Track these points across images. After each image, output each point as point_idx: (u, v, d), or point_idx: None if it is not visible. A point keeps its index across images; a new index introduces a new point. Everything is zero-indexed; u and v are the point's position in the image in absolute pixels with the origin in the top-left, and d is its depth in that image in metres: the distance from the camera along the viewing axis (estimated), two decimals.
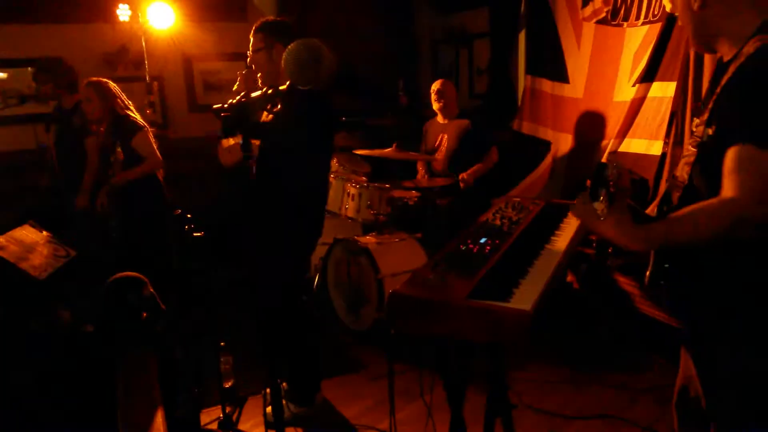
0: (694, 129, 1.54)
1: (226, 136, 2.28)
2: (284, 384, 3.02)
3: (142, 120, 3.83)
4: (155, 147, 3.80)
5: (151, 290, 2.39)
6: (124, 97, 3.81)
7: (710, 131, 1.44)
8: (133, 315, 2.28)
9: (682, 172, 1.53)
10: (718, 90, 1.47)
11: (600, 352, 3.55)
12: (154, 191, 3.83)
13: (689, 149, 1.54)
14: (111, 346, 2.24)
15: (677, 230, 1.39)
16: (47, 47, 4.82)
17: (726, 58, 1.52)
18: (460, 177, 4.32)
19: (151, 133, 3.83)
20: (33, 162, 4.59)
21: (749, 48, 1.43)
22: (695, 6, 1.51)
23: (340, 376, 3.42)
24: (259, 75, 2.75)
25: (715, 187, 1.40)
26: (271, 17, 2.80)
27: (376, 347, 3.72)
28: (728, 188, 1.35)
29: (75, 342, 2.85)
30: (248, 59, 2.77)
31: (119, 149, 3.72)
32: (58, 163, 4.22)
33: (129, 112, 3.76)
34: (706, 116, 1.48)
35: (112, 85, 3.78)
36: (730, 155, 1.36)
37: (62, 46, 4.82)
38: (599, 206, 1.47)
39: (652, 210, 1.68)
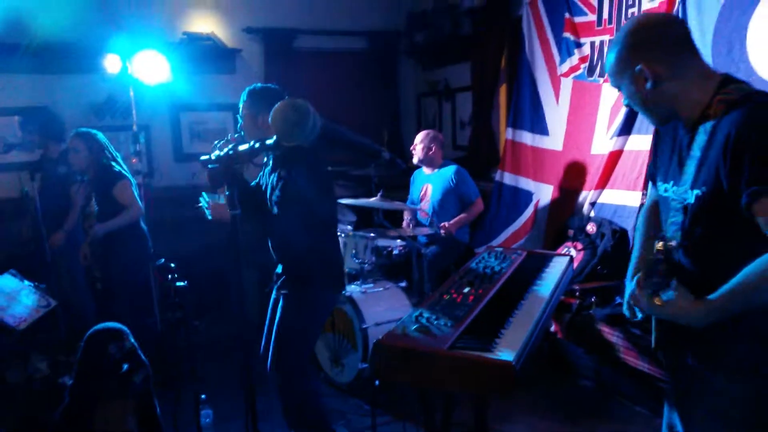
0: (664, 193, 1.54)
1: (213, 189, 2.31)
2: None
3: (127, 171, 3.83)
4: (136, 197, 3.78)
5: (132, 342, 2.36)
6: (111, 148, 3.81)
7: (699, 193, 1.44)
8: (114, 367, 2.24)
9: (674, 235, 1.53)
10: (689, 152, 1.48)
11: (584, 402, 3.53)
12: (139, 241, 3.79)
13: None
14: (90, 399, 2.20)
15: (744, 299, 1.36)
16: (34, 96, 4.86)
17: (687, 122, 1.52)
18: (441, 226, 4.36)
19: (133, 184, 3.80)
20: (17, 210, 4.56)
21: (715, 109, 1.44)
22: (643, 88, 1.49)
23: None
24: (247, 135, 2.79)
25: (716, 243, 1.43)
26: (259, 84, 2.82)
27: (357, 398, 3.67)
28: None
29: (53, 394, 2.78)
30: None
31: (93, 201, 3.70)
32: (42, 212, 4.20)
33: (114, 163, 3.75)
34: (687, 179, 1.48)
35: (99, 136, 3.78)
36: (764, 208, 1.33)
37: (49, 96, 4.86)
38: (657, 299, 1.43)
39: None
